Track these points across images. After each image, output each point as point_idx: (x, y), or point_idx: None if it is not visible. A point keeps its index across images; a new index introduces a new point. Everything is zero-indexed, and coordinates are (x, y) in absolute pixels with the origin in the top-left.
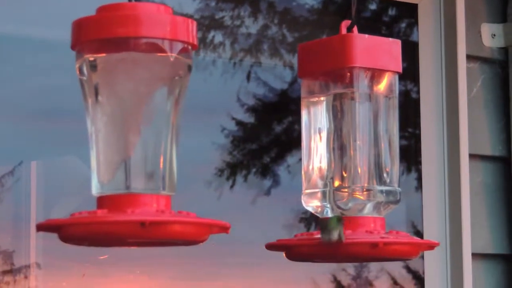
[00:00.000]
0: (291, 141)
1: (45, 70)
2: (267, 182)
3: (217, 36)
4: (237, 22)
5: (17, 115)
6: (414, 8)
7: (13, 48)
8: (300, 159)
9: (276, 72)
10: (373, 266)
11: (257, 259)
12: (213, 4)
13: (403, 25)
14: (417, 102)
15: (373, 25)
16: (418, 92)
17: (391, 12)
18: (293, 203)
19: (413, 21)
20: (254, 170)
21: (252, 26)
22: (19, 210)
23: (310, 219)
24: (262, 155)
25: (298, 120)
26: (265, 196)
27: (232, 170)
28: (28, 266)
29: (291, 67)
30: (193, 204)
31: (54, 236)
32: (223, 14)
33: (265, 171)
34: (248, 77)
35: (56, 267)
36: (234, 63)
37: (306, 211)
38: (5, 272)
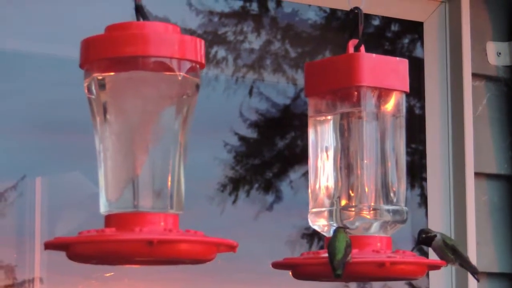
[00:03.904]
0: (294, 157)
1: (51, 85)
2: (270, 198)
3: (220, 52)
4: (240, 38)
5: (21, 129)
6: (418, 24)
7: (19, 64)
8: (303, 175)
9: (279, 88)
10: (376, 283)
11: (260, 275)
12: (216, 19)
13: (407, 41)
14: (421, 118)
15: (376, 41)
16: (422, 108)
17: (395, 28)
18: (296, 219)
19: (417, 37)
20: (256, 185)
21: (255, 42)
22: (22, 225)
23: (313, 235)
24: (265, 170)
25: (301, 136)
26: (267, 212)
27: (234, 185)
28: (31, 281)
29: (294, 83)
30: (195, 220)
31: (58, 252)
32: (226, 29)
33: (268, 186)
34: (251, 93)
35: (60, 283)
36: (237, 79)
37: (309, 227)
38: (7, 287)
